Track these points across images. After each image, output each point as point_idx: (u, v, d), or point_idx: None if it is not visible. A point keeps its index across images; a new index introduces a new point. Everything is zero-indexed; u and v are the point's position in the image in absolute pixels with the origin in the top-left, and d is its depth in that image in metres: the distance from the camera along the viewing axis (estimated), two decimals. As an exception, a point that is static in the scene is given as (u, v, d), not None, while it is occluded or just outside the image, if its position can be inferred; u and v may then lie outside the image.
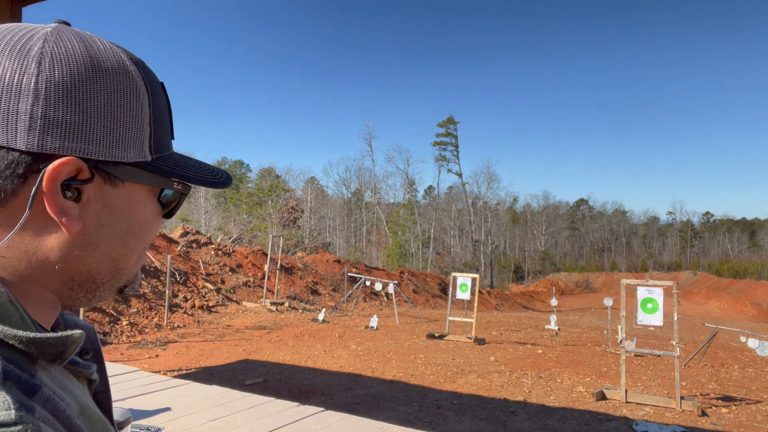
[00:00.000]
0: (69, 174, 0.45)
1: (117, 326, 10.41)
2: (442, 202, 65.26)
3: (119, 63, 0.49)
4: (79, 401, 0.46)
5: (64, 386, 0.46)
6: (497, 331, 13.44)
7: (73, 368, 0.50)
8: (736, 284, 46.77)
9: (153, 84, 0.53)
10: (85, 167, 0.45)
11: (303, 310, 16.21)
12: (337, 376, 7.58)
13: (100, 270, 0.50)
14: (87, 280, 0.50)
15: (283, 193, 48.06)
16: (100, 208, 0.48)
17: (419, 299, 24.82)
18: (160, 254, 15.40)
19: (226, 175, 0.59)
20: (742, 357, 10.56)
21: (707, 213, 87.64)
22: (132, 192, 0.51)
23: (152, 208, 0.54)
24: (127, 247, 0.52)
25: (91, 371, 0.52)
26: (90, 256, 0.49)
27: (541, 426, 5.59)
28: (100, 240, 0.49)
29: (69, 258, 0.48)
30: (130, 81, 0.49)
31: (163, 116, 0.54)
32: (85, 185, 0.46)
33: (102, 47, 0.49)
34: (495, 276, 57.72)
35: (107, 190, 0.48)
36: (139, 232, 0.52)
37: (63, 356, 0.45)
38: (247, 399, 4.67)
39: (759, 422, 5.94)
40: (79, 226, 0.46)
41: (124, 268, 0.53)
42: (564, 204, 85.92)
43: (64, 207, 0.45)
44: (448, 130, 59.42)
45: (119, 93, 0.48)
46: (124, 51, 0.51)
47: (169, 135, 0.55)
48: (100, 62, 0.47)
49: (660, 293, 6.94)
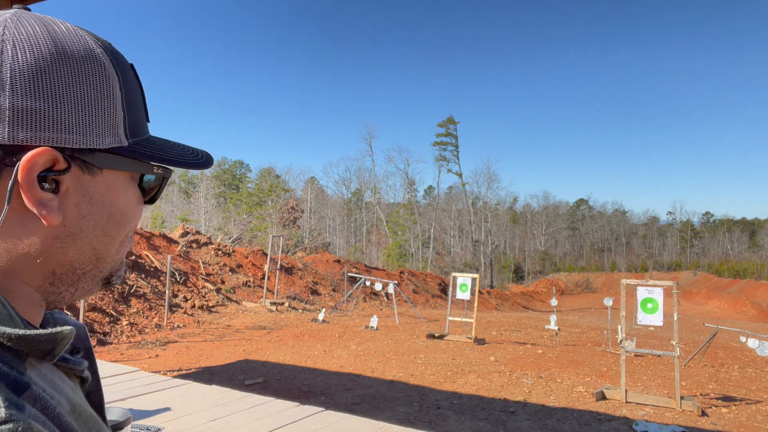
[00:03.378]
0: (45, 165, 0.43)
1: (117, 326, 10.41)
2: (442, 202, 65.26)
3: (85, 46, 0.47)
4: (69, 399, 0.45)
5: (55, 384, 0.45)
6: (497, 331, 13.43)
7: (64, 365, 0.48)
8: (736, 284, 46.76)
9: (122, 66, 0.51)
10: (61, 157, 0.44)
11: (303, 310, 16.21)
12: (337, 376, 7.58)
13: (82, 261, 0.49)
14: (68, 272, 0.49)
15: (283, 193, 48.07)
16: (80, 198, 0.47)
17: (419, 299, 24.81)
18: (160, 254, 15.40)
19: (206, 156, 0.58)
20: (742, 357, 10.56)
21: (707, 213, 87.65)
22: (111, 179, 0.50)
23: (133, 194, 0.53)
24: (109, 236, 0.51)
25: (82, 368, 0.51)
26: (71, 247, 0.48)
27: (541, 426, 5.59)
28: (81, 230, 0.48)
29: (50, 250, 0.47)
30: (98, 64, 0.47)
31: (135, 99, 0.52)
32: (62, 175, 0.45)
33: (66, 30, 0.47)
34: (495, 276, 57.72)
35: (85, 178, 0.47)
36: (120, 220, 0.52)
37: (53, 353, 0.44)
38: (247, 399, 4.67)
39: (759, 422, 5.94)
40: (59, 217, 0.45)
41: (106, 257, 0.52)
42: (564, 204, 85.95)
43: (42, 199, 0.44)
44: (448, 130, 59.42)
45: (87, 77, 0.46)
46: (89, 34, 0.49)
47: (143, 118, 0.54)
48: (65, 46, 0.45)
49: (660, 293, 6.94)
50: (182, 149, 0.57)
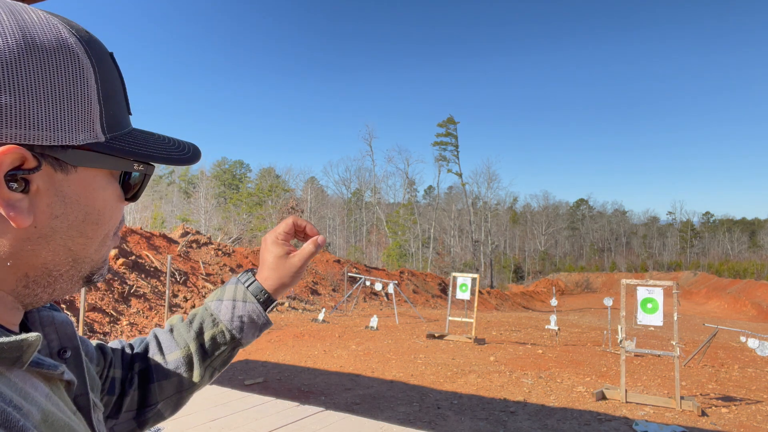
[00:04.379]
0: (12, 164, 0.41)
1: (117, 326, 10.41)
2: (442, 202, 65.23)
3: (56, 36, 0.44)
4: (42, 408, 0.42)
5: (25, 393, 0.41)
6: (497, 331, 13.43)
7: (38, 371, 0.44)
8: (736, 284, 46.77)
9: (99, 56, 0.47)
10: (29, 155, 0.41)
11: (303, 310, 16.21)
12: (337, 376, 7.58)
13: (57, 262, 0.47)
14: (42, 275, 0.47)
15: (283, 193, 48.08)
16: (52, 198, 0.44)
17: (419, 299, 24.81)
18: (160, 254, 15.40)
19: (193, 149, 0.56)
20: (742, 357, 10.55)
21: (707, 213, 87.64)
22: (87, 177, 0.47)
23: (112, 193, 0.50)
24: (85, 236, 0.48)
25: (59, 371, 0.46)
26: (44, 249, 0.45)
27: (541, 426, 5.59)
28: (54, 231, 0.45)
29: (21, 253, 0.44)
30: (70, 55, 0.44)
31: (114, 91, 0.49)
32: (32, 174, 0.42)
33: (36, 19, 0.44)
34: (495, 276, 57.71)
35: (58, 177, 0.44)
36: (98, 220, 0.49)
37: (21, 360, 0.41)
38: (247, 399, 4.66)
39: (759, 422, 5.94)
40: (29, 219, 0.43)
41: (84, 258, 0.49)
42: (564, 204, 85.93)
43: (10, 200, 0.41)
44: (448, 130, 59.41)
45: (59, 69, 0.43)
46: (63, 22, 0.46)
47: (124, 111, 0.51)
48: (34, 37, 0.42)
49: (660, 293, 6.94)
50: (167, 143, 0.54)
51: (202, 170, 57.83)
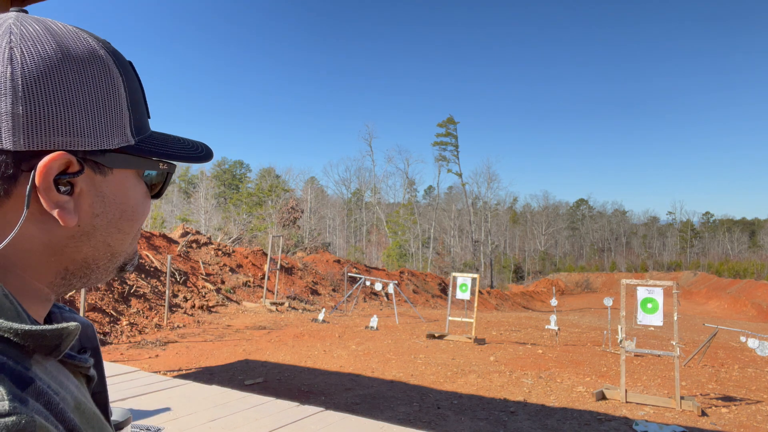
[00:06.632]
0: (60, 168, 0.45)
1: (117, 326, 10.41)
2: (442, 202, 65.26)
3: (88, 47, 0.48)
4: (74, 396, 0.46)
5: (60, 381, 0.45)
6: (497, 331, 13.43)
7: (70, 362, 0.49)
8: (736, 284, 46.75)
9: (124, 65, 0.52)
10: (74, 160, 0.46)
11: (303, 310, 16.21)
12: (337, 376, 7.58)
13: (96, 257, 0.51)
14: (81, 268, 0.51)
15: (283, 193, 48.10)
16: (93, 198, 0.49)
17: (419, 299, 24.81)
18: (160, 254, 15.40)
19: (206, 149, 0.59)
20: (742, 357, 10.55)
21: (707, 213, 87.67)
22: (122, 178, 0.51)
23: (141, 190, 0.54)
24: (122, 232, 0.53)
25: (87, 365, 0.51)
26: (85, 245, 0.50)
27: (541, 426, 5.59)
28: (95, 229, 0.50)
29: (65, 249, 0.48)
30: (103, 66, 0.48)
31: (138, 97, 0.53)
32: (76, 177, 0.46)
33: (67, 32, 0.47)
34: (495, 276, 57.71)
35: (98, 179, 0.49)
36: (132, 216, 0.53)
37: (59, 349, 0.45)
38: (247, 399, 4.66)
39: (759, 422, 5.94)
40: (75, 219, 0.47)
41: (121, 251, 0.54)
42: (564, 204, 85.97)
43: (59, 202, 0.46)
44: (448, 130, 59.41)
45: (94, 79, 0.47)
46: (89, 34, 0.50)
47: (146, 115, 0.55)
48: (70, 50, 0.46)
49: (660, 293, 6.94)
50: (183, 143, 0.57)
51: (202, 170, 57.87)
